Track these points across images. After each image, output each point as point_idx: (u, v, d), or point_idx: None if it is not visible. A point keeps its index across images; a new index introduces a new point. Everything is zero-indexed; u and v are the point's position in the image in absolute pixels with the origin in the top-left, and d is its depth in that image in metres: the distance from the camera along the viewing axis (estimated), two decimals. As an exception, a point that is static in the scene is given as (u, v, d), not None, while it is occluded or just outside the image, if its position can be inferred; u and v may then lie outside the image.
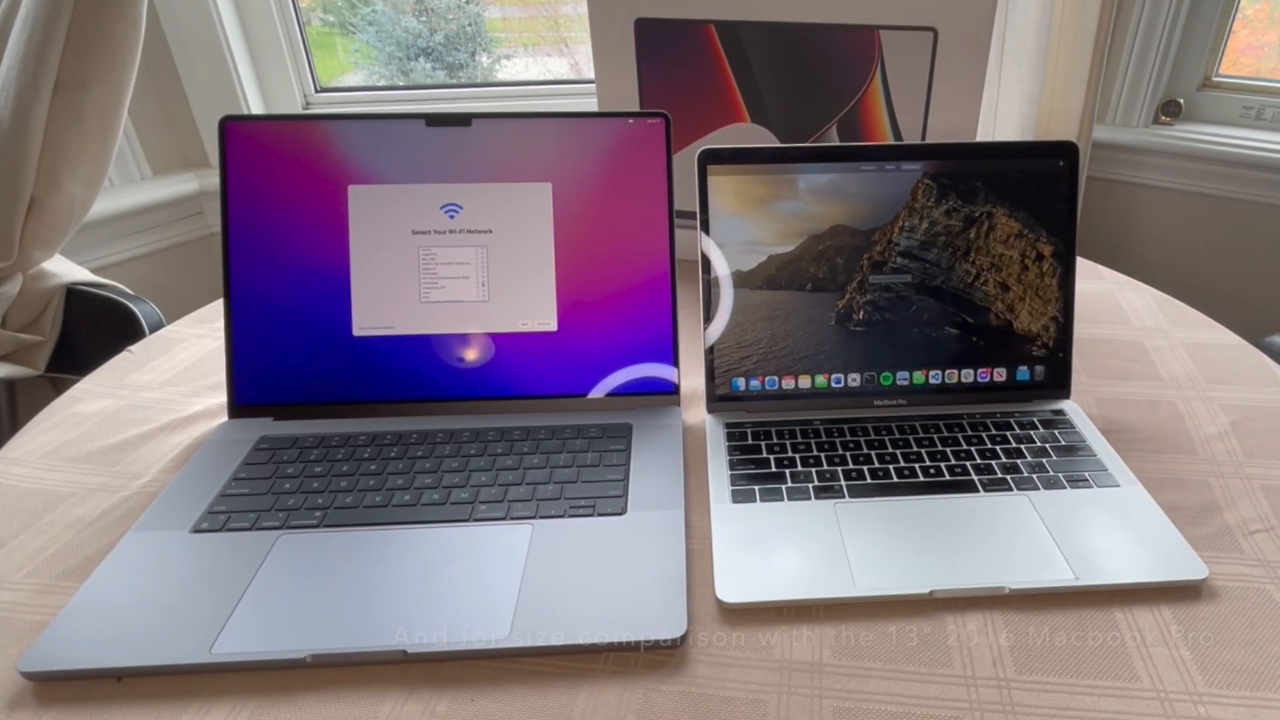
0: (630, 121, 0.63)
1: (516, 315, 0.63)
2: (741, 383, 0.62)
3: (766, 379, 0.62)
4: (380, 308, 0.62)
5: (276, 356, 0.62)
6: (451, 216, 0.62)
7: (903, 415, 0.62)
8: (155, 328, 0.96)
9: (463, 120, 0.62)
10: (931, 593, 0.47)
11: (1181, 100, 1.49)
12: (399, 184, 0.62)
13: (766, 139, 0.82)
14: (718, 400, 0.63)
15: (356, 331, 0.62)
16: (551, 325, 0.63)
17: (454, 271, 0.62)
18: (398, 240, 0.62)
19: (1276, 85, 1.45)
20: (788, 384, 0.61)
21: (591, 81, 1.53)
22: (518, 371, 0.63)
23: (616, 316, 0.63)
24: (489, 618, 0.45)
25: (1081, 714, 0.41)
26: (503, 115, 0.62)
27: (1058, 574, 0.48)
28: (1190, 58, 1.47)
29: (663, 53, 0.81)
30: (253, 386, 0.62)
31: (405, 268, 0.62)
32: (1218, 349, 0.74)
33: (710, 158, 0.60)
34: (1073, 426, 0.61)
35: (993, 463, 0.57)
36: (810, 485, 0.55)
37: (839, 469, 0.57)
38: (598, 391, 0.63)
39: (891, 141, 0.80)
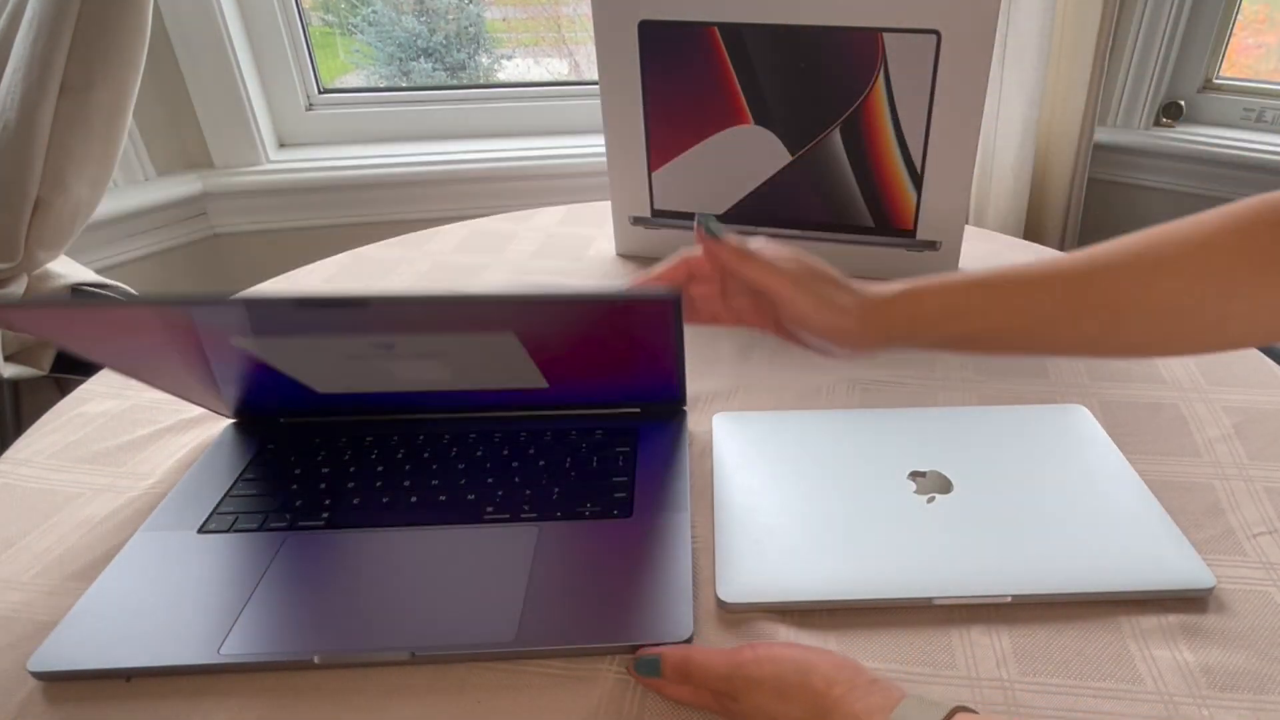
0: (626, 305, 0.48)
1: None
2: None
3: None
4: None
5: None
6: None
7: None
8: (159, 328, 0.96)
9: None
10: (932, 599, 0.47)
11: (1182, 102, 1.49)
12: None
13: (770, 141, 0.82)
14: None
15: (362, 333, 0.62)
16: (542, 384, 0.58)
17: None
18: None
19: (1277, 88, 1.45)
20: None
21: (593, 83, 1.53)
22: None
23: (615, 377, 0.59)
24: (495, 619, 0.45)
25: (1085, 715, 0.41)
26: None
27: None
28: (1191, 60, 1.47)
29: (666, 55, 0.81)
30: (259, 388, 0.62)
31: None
32: (1220, 351, 0.74)
33: None
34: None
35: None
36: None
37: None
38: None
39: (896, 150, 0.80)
